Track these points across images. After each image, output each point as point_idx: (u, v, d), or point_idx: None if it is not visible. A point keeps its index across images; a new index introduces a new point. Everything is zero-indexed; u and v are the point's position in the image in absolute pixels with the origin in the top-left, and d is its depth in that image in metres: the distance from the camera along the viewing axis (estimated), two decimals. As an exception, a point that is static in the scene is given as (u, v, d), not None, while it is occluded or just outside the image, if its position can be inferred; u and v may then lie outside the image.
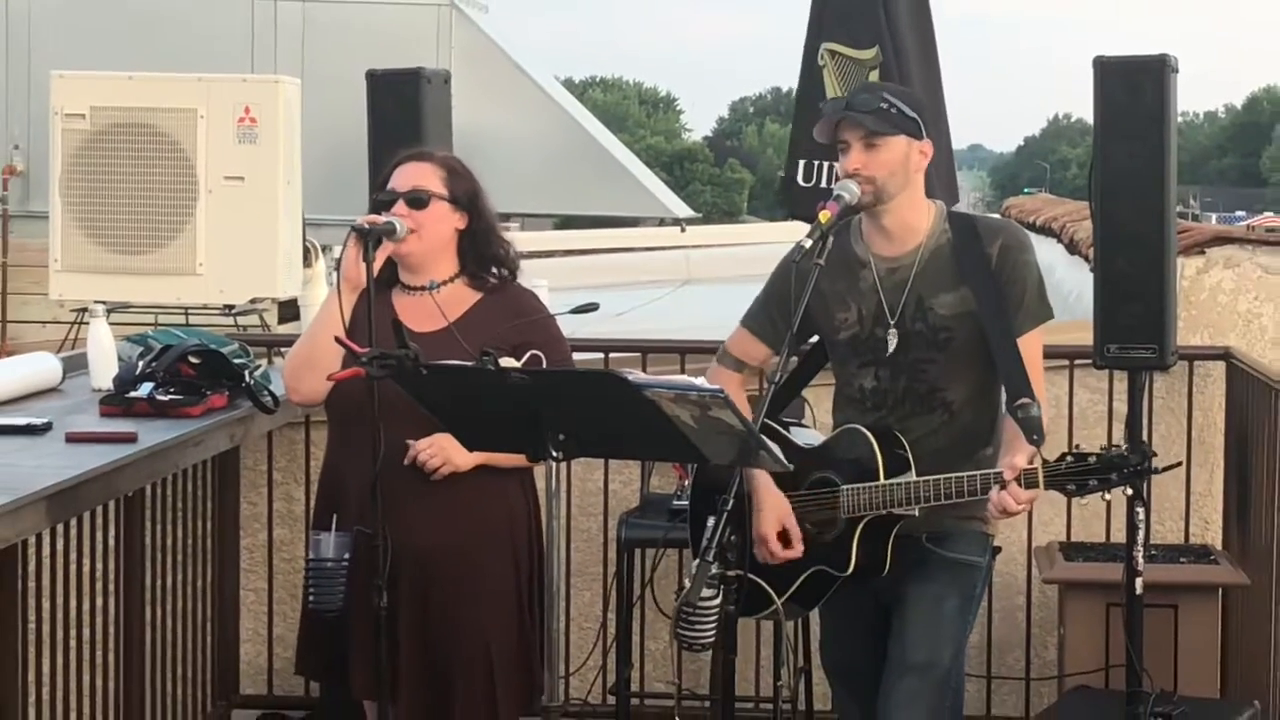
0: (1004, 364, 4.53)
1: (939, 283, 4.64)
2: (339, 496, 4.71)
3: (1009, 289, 4.60)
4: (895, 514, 4.55)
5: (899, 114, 4.62)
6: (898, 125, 4.61)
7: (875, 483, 4.56)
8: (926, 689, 4.59)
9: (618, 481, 6.89)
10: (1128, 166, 5.79)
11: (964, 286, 4.61)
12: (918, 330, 4.64)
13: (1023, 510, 4.39)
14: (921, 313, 4.64)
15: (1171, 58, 5.78)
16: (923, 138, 4.66)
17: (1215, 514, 6.85)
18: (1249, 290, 7.02)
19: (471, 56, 14.89)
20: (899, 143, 4.62)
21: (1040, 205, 12.39)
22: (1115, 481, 4.26)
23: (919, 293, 4.64)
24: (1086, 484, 4.28)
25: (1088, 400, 6.79)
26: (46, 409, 5.26)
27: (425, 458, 4.58)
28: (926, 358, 4.64)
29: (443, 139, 6.66)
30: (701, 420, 3.83)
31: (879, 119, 4.60)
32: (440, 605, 4.65)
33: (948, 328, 4.62)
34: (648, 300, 12.56)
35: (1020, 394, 4.40)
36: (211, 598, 6.55)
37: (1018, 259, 4.63)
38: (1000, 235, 4.66)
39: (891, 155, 4.60)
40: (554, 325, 4.83)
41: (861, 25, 6.86)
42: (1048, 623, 6.77)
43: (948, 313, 4.62)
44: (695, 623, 4.31)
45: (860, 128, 4.60)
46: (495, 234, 4.82)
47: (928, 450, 4.58)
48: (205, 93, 8.70)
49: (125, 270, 8.65)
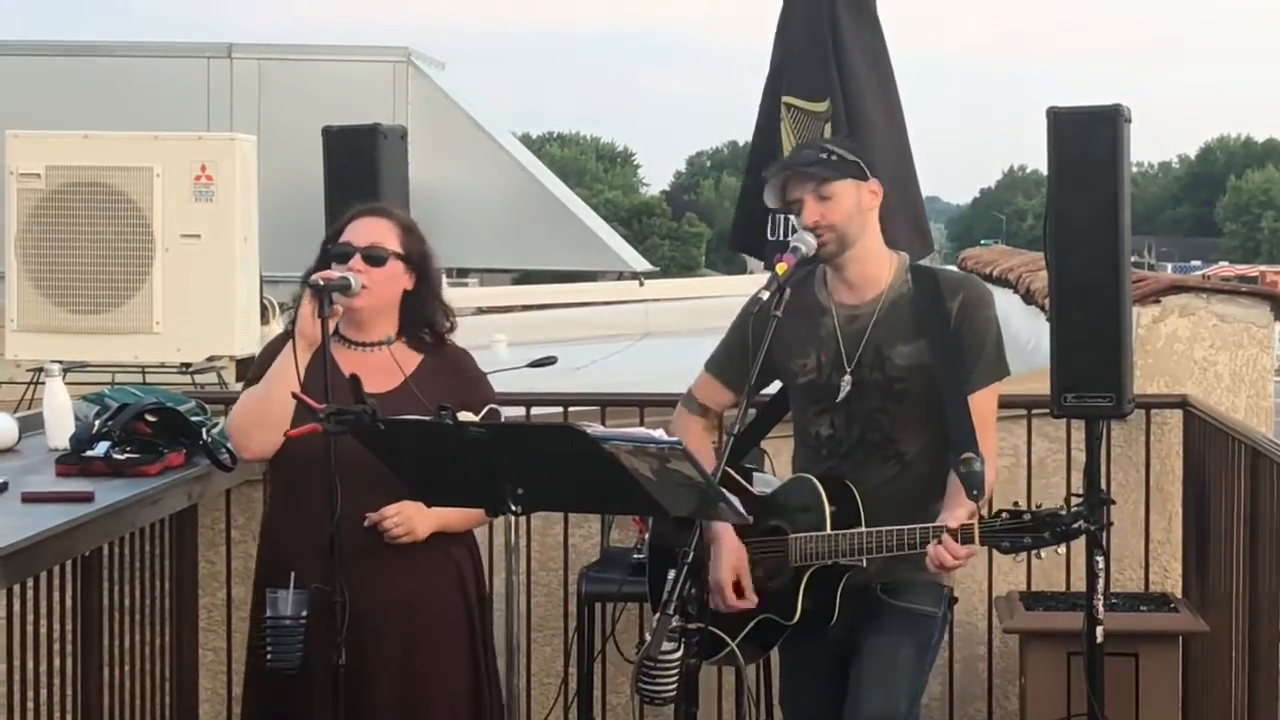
0: (951, 418, 4.55)
1: (898, 333, 4.66)
2: (284, 554, 4.68)
3: (966, 343, 4.62)
4: (842, 564, 4.55)
5: (840, 160, 4.68)
6: (842, 170, 4.66)
7: (821, 533, 4.56)
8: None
9: (578, 535, 6.87)
10: (1082, 216, 5.81)
11: (921, 339, 4.63)
12: (874, 379, 4.66)
13: (959, 565, 4.41)
14: (879, 362, 4.66)
15: (1124, 107, 5.82)
16: (868, 179, 4.71)
17: (1175, 561, 6.86)
18: (1204, 338, 7.04)
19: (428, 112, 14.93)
20: (848, 187, 4.66)
21: (996, 256, 12.43)
22: (1049, 540, 4.27)
23: (877, 342, 4.66)
24: (1021, 541, 4.30)
25: (1046, 449, 6.80)
26: (2, 469, 5.22)
27: (390, 525, 4.57)
28: (880, 407, 4.66)
29: (399, 194, 6.66)
30: (660, 472, 3.83)
31: (823, 168, 4.65)
32: (398, 658, 4.63)
33: (903, 378, 4.64)
34: (607, 354, 12.55)
35: (964, 448, 4.41)
36: (170, 658, 6.49)
37: (976, 314, 4.65)
38: (961, 290, 4.69)
39: (844, 201, 4.65)
40: (488, 386, 4.87)
41: (814, 77, 6.89)
42: (1009, 672, 6.77)
43: (904, 363, 4.64)
44: (657, 676, 4.31)
45: (809, 180, 4.64)
46: (438, 297, 4.83)
47: (880, 501, 4.57)
48: (161, 151, 8.71)
49: (82, 329, 8.65)
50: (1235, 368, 7.05)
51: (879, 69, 6.95)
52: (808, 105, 6.94)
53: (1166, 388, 6.99)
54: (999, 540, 4.32)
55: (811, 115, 6.92)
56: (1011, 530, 4.30)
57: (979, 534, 4.33)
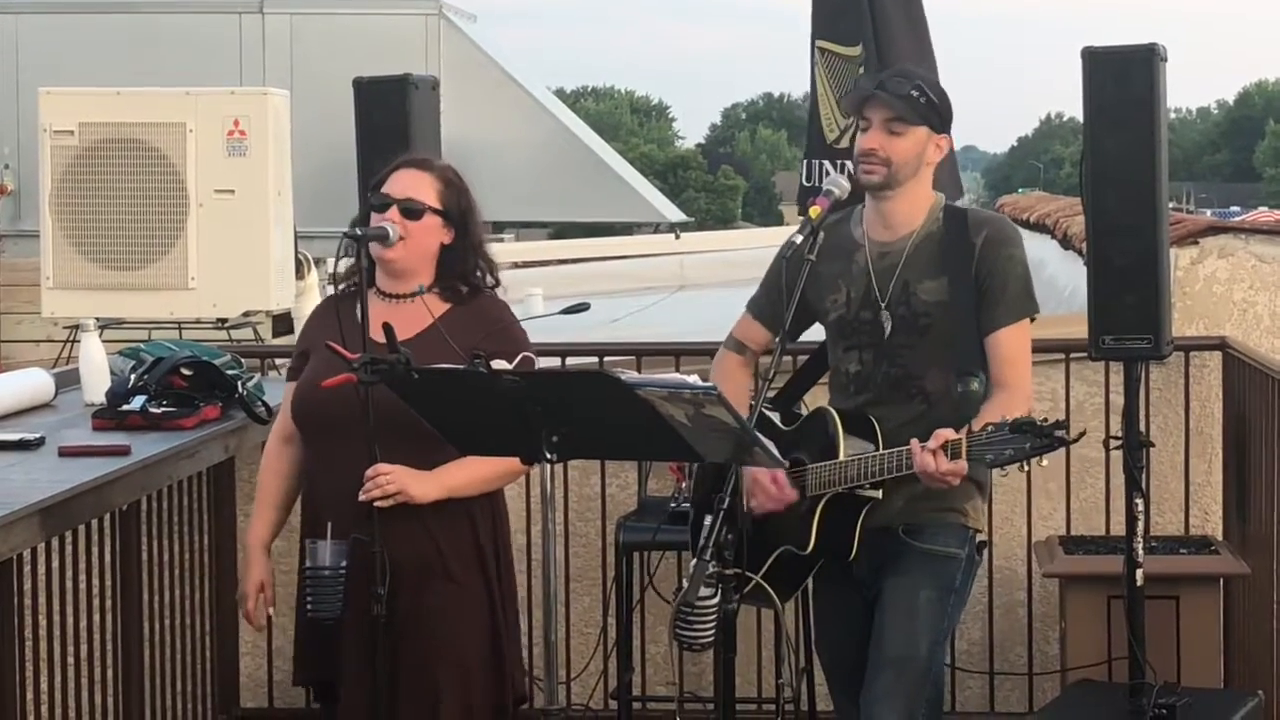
0: (961, 348, 4.56)
1: (925, 269, 4.65)
2: (318, 508, 4.69)
3: (989, 281, 4.60)
4: (859, 494, 4.54)
5: (927, 104, 4.65)
6: (924, 116, 4.64)
7: (832, 461, 4.56)
8: (904, 682, 4.59)
9: (615, 486, 6.87)
10: (1118, 156, 5.76)
11: (945, 275, 4.61)
12: (900, 315, 4.65)
13: (947, 477, 4.35)
14: (906, 297, 4.65)
15: (1160, 46, 5.76)
16: (943, 133, 4.69)
17: (1215, 504, 6.82)
18: (1244, 279, 6.99)
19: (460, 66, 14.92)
20: (920, 133, 4.64)
21: (1034, 202, 12.37)
22: (1029, 450, 4.21)
23: (906, 278, 4.65)
24: (1003, 453, 4.24)
25: (1085, 393, 6.77)
26: (39, 424, 5.25)
27: (383, 481, 4.47)
28: (906, 343, 4.64)
29: (431, 145, 6.63)
30: (695, 418, 3.82)
31: (907, 105, 4.62)
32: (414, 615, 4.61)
33: (928, 314, 4.63)
34: (643, 306, 12.54)
35: (966, 371, 4.44)
36: (210, 611, 6.52)
37: (1000, 252, 4.63)
38: (985, 227, 4.67)
39: (910, 144, 4.63)
40: (521, 333, 4.75)
41: (848, 22, 6.88)
42: (1049, 617, 6.75)
43: (929, 299, 4.63)
44: (694, 622, 4.32)
45: (886, 109, 4.61)
46: (479, 251, 4.76)
47: (907, 440, 4.49)
48: (194, 106, 8.71)
49: (117, 286, 8.66)
50: (1275, 309, 7.00)
51: (910, 14, 6.92)
52: (841, 50, 6.92)
53: (1205, 330, 6.95)
54: (983, 454, 4.27)
55: (845, 60, 6.89)
56: (996, 442, 4.25)
57: (965, 448, 4.29)
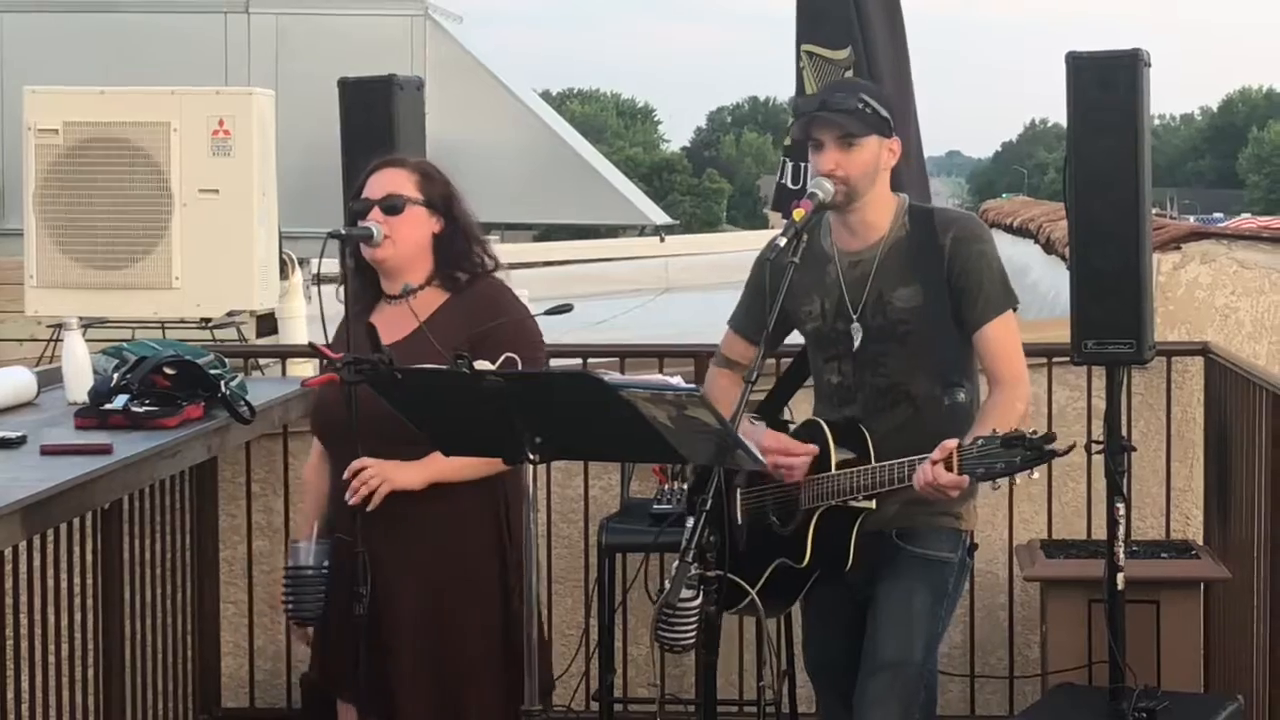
0: (940, 354, 4.56)
1: (897, 276, 4.64)
2: (331, 509, 4.70)
3: (964, 280, 4.59)
4: (852, 506, 4.53)
5: (873, 114, 4.63)
6: (872, 126, 4.62)
7: (826, 473, 4.55)
8: (898, 686, 4.58)
9: (597, 487, 6.87)
10: (1102, 161, 5.77)
11: (917, 280, 4.61)
12: (877, 324, 4.64)
13: (944, 495, 4.33)
14: (881, 306, 4.64)
15: (1144, 52, 5.78)
16: (892, 136, 4.68)
17: (1195, 509, 6.84)
18: (1226, 285, 7.02)
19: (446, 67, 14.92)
20: (872, 143, 4.62)
21: (1017, 207, 12.41)
22: (1020, 464, 4.18)
23: (880, 287, 4.64)
24: (994, 466, 4.21)
25: (1066, 398, 6.78)
26: (21, 423, 5.23)
27: (367, 475, 4.48)
28: (885, 351, 4.64)
29: (416, 146, 6.63)
30: (678, 420, 3.82)
31: (856, 120, 4.60)
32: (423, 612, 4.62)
33: (905, 320, 4.62)
34: (627, 309, 12.55)
35: (952, 383, 4.43)
36: (191, 611, 6.52)
37: (970, 250, 4.62)
38: (952, 227, 4.66)
39: (866, 156, 4.61)
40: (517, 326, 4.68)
41: (835, 26, 6.88)
42: (1030, 621, 6.76)
43: (905, 305, 4.62)
44: (675, 624, 4.31)
45: (836, 128, 4.60)
46: (471, 234, 4.77)
47: (897, 447, 4.50)
48: (179, 106, 8.69)
49: (101, 285, 8.64)
50: (1257, 314, 7.03)
51: (892, 20, 6.95)
52: (828, 53, 6.93)
53: (1187, 335, 6.97)
54: (974, 468, 4.24)
55: (832, 63, 6.90)
56: (985, 457, 4.22)
57: (958, 462, 4.27)
